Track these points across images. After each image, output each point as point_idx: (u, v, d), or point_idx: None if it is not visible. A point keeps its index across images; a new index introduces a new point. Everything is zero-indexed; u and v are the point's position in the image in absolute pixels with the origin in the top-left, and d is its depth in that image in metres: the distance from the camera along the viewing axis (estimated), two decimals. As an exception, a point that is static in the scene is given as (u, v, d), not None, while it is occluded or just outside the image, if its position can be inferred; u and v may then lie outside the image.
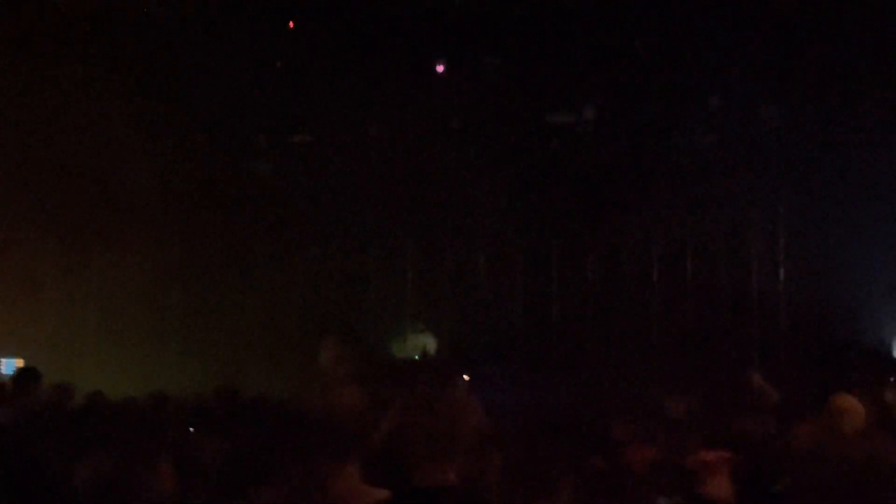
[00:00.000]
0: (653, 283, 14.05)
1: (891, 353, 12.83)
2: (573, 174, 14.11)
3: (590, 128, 14.28)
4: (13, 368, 10.88)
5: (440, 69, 14.37)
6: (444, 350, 13.73)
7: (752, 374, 7.74)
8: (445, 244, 14.82)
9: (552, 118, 14.39)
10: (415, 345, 13.97)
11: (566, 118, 14.35)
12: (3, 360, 13.18)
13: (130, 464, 4.25)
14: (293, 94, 14.12)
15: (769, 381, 7.56)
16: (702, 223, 13.59)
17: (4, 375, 10.79)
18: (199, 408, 7.05)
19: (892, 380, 9.63)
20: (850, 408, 5.84)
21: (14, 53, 12.54)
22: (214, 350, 13.98)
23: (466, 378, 6.52)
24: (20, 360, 12.38)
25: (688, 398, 7.45)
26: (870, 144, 12.88)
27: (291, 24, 13.89)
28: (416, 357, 13.41)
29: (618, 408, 8.52)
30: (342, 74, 13.56)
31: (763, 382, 7.49)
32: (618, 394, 10.97)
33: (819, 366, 11.68)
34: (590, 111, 14.20)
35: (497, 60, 14.01)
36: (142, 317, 14.41)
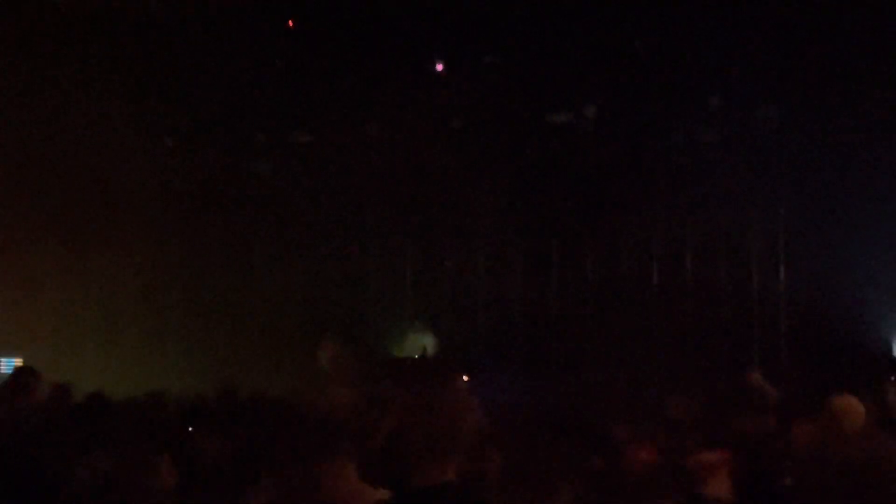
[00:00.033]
0: (653, 283, 14.05)
1: (891, 353, 12.82)
2: (573, 174, 14.11)
3: (590, 127, 14.27)
4: (13, 368, 10.86)
5: (440, 69, 14.36)
6: (444, 350, 13.73)
7: (752, 374, 7.75)
8: (445, 244, 14.82)
9: (552, 118, 14.39)
10: (415, 345, 13.96)
11: (566, 118, 14.34)
12: (3, 360, 13.18)
13: (130, 463, 4.25)
14: (293, 94, 14.12)
15: (769, 381, 7.55)
16: (701, 223, 13.58)
17: (4, 375, 10.78)
18: (199, 407, 7.04)
19: (893, 379, 9.64)
20: (850, 408, 5.85)
21: (14, 53, 12.53)
22: (214, 350, 13.99)
23: (466, 378, 6.51)
24: (20, 360, 12.39)
25: (688, 398, 7.45)
26: (870, 144, 12.87)
27: (291, 24, 13.87)
28: (416, 357, 13.39)
29: (618, 408, 8.54)
30: (342, 74, 13.55)
31: (763, 382, 7.49)
32: (618, 394, 10.99)
33: (819, 366, 11.69)
34: (590, 111, 14.19)
35: (497, 60, 14.00)
36: (141, 316, 14.43)
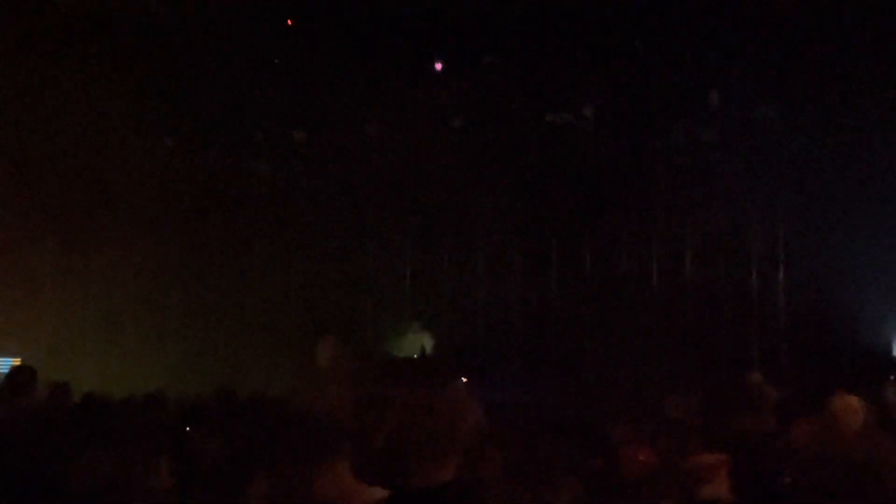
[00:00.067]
0: (652, 283, 14.04)
1: (891, 353, 12.82)
2: (573, 174, 14.10)
3: (590, 127, 14.27)
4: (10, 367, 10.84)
5: (440, 68, 14.36)
6: (444, 350, 13.72)
7: (752, 374, 7.74)
8: (445, 244, 14.82)
9: (552, 118, 14.38)
10: (414, 345, 13.95)
11: (566, 118, 14.34)
12: (2, 360, 13.16)
13: (129, 463, 4.24)
14: (293, 94, 14.11)
15: (769, 381, 7.55)
16: (701, 223, 13.58)
17: (2, 375, 10.76)
18: (197, 407, 7.04)
19: (893, 379, 9.63)
20: (850, 408, 5.83)
21: (14, 53, 12.53)
22: (213, 350, 13.99)
23: (466, 378, 6.50)
24: (19, 360, 12.37)
25: (688, 398, 7.44)
26: (870, 145, 12.86)
27: (290, 23, 13.87)
28: (416, 357, 13.38)
29: (617, 408, 8.54)
30: (342, 74, 13.55)
31: (763, 382, 7.48)
32: (618, 394, 10.98)
33: (819, 366, 11.68)
34: (589, 110, 14.19)
35: (497, 60, 13.99)
36: (140, 316, 14.41)
